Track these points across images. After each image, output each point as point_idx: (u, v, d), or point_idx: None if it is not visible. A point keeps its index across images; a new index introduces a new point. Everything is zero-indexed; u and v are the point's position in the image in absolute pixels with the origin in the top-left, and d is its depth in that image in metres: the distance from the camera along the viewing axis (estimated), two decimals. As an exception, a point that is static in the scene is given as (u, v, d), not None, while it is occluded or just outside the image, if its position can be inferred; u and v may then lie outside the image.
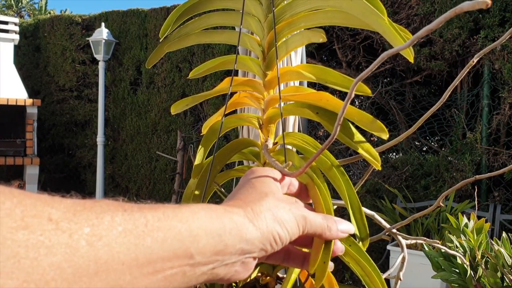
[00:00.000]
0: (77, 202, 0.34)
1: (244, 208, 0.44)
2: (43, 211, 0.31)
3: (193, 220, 0.39)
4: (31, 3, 11.19)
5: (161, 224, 0.36)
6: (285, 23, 0.63)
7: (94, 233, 0.32)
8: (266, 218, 0.44)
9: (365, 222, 0.63)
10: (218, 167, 0.70)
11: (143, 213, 0.36)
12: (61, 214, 0.32)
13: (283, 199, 0.48)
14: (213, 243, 0.39)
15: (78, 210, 0.33)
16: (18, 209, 0.30)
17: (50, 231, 0.31)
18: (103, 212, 0.34)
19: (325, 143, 0.47)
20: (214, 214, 0.41)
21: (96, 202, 0.35)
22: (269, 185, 0.49)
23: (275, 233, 0.44)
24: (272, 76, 0.66)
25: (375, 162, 0.60)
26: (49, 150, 6.42)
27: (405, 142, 4.15)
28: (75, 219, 0.32)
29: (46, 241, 0.30)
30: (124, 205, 0.36)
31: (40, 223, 0.31)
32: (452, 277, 1.59)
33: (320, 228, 0.49)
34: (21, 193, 0.32)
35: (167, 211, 0.38)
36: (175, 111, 0.72)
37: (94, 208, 0.34)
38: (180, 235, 0.37)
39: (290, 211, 0.47)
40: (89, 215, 0.33)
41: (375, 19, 0.51)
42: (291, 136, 0.67)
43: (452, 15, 0.34)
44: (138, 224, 0.35)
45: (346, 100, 0.45)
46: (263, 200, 0.46)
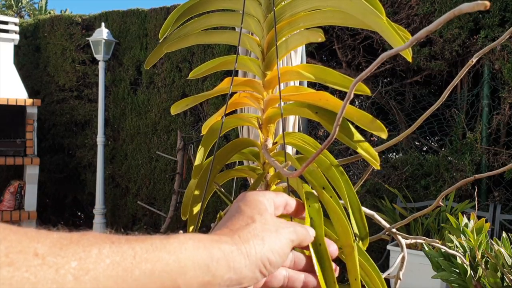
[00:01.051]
0: (63, 235, 0.34)
1: (232, 236, 0.43)
2: (29, 246, 0.31)
3: (180, 251, 0.38)
4: (31, 3, 11.19)
5: (149, 256, 0.36)
6: (284, 22, 0.63)
7: (82, 267, 0.32)
8: (255, 244, 0.43)
9: (364, 222, 0.63)
10: (218, 167, 0.70)
11: (131, 245, 0.36)
12: (47, 249, 0.31)
13: (270, 220, 0.48)
14: (201, 274, 0.39)
15: (65, 244, 0.33)
16: (3, 245, 0.30)
17: (36, 267, 0.30)
18: (90, 245, 0.34)
19: (324, 143, 0.48)
20: (201, 244, 0.40)
21: (83, 235, 0.35)
22: (256, 207, 0.48)
23: (265, 259, 0.43)
24: (272, 76, 0.66)
25: (374, 162, 0.60)
26: (49, 150, 6.42)
27: (405, 142, 4.16)
28: (62, 253, 0.32)
29: (31, 277, 0.30)
30: (112, 237, 0.36)
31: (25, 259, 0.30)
32: (452, 277, 1.59)
33: (303, 236, 0.49)
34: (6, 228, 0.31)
35: (155, 242, 0.38)
36: (176, 111, 0.72)
37: (81, 242, 0.34)
38: (168, 266, 0.37)
39: (277, 232, 0.46)
40: (76, 249, 0.33)
41: (373, 19, 0.51)
42: (290, 136, 0.67)
43: (451, 16, 0.35)
44: (126, 256, 0.35)
45: (345, 100, 0.45)
46: (250, 226, 0.45)
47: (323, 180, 0.62)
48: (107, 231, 0.39)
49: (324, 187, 0.61)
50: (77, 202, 6.55)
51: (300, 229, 0.49)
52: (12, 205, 5.39)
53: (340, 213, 0.59)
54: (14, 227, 0.32)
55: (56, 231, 0.35)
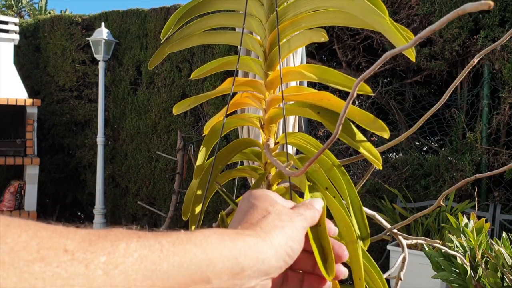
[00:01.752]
0: (91, 232, 0.34)
1: (254, 229, 0.44)
2: (59, 242, 0.32)
3: (207, 244, 0.39)
4: (31, 3, 11.18)
5: (176, 249, 0.36)
6: (287, 23, 0.63)
7: (110, 261, 0.33)
8: (277, 235, 0.45)
9: (366, 222, 0.64)
10: (219, 167, 0.70)
11: (157, 239, 0.36)
12: (77, 245, 0.32)
13: (283, 211, 0.49)
14: (230, 266, 0.39)
15: (93, 240, 0.33)
16: (34, 242, 0.30)
17: (66, 262, 0.31)
18: (117, 240, 0.34)
19: (327, 143, 0.48)
20: (227, 237, 0.41)
21: (110, 231, 0.35)
22: (266, 200, 0.50)
23: (288, 248, 0.45)
24: (274, 77, 0.66)
25: (376, 161, 0.60)
26: (49, 150, 6.41)
27: (405, 142, 4.16)
28: (91, 249, 0.32)
29: (62, 272, 0.30)
30: (138, 233, 0.37)
31: (56, 254, 0.31)
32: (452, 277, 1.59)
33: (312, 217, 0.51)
34: (36, 225, 0.32)
35: (180, 236, 0.38)
36: (178, 111, 0.72)
37: (108, 237, 0.34)
38: (196, 258, 0.37)
39: (292, 221, 0.48)
40: (104, 244, 0.33)
41: (376, 19, 0.51)
42: (292, 136, 0.68)
43: (455, 16, 0.35)
44: (154, 249, 0.35)
45: (348, 99, 0.45)
46: (268, 218, 0.47)
47: (325, 180, 0.62)
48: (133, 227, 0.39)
49: (327, 187, 0.62)
50: (77, 202, 6.55)
51: (309, 212, 0.51)
52: (12, 205, 5.38)
53: (343, 212, 0.60)
54: (44, 224, 0.33)
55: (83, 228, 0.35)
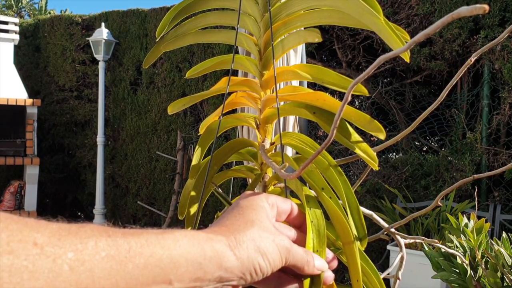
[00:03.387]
0: (62, 226, 0.35)
1: (227, 236, 0.44)
2: (29, 236, 0.32)
3: (174, 248, 0.39)
4: (31, 3, 11.18)
5: (143, 250, 0.37)
6: (281, 22, 0.63)
7: (78, 258, 0.33)
8: (248, 248, 0.44)
9: (363, 222, 0.63)
10: (215, 167, 0.69)
11: (126, 239, 0.37)
12: (46, 239, 0.33)
13: (269, 228, 0.48)
14: (192, 270, 0.40)
15: (63, 235, 0.34)
16: (4, 234, 0.31)
17: (34, 256, 0.31)
18: (87, 237, 0.35)
19: (322, 146, 0.47)
20: (196, 242, 0.41)
21: (81, 227, 0.36)
22: (257, 213, 0.49)
23: (256, 264, 0.44)
24: (269, 76, 0.65)
25: (372, 162, 0.60)
26: (49, 150, 6.42)
27: (405, 142, 4.15)
28: (60, 244, 0.33)
29: (30, 266, 0.31)
30: (109, 231, 0.37)
31: (25, 248, 0.31)
32: (452, 277, 1.59)
33: (300, 262, 0.49)
34: (7, 217, 0.32)
35: (150, 237, 0.39)
36: (173, 110, 0.72)
37: (79, 233, 0.35)
38: (161, 262, 0.38)
39: (273, 242, 0.47)
40: (73, 240, 0.34)
41: (371, 19, 0.51)
42: (288, 136, 0.67)
43: (449, 20, 0.34)
44: (121, 250, 0.36)
45: (343, 102, 0.44)
46: (248, 230, 0.46)
47: (321, 181, 0.62)
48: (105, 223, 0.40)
49: (323, 188, 0.61)
50: (77, 202, 6.55)
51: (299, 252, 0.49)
52: (12, 205, 5.39)
53: (340, 213, 0.59)
54: (16, 217, 0.33)
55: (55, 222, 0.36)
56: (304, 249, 0.51)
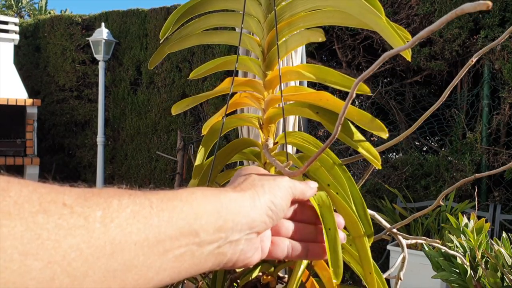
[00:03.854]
0: (86, 190, 0.36)
1: (234, 187, 0.48)
2: (57, 197, 0.33)
3: (192, 200, 0.41)
4: (31, 3, 11.18)
5: (164, 205, 0.39)
6: (284, 23, 0.63)
7: (106, 216, 0.34)
8: (257, 191, 0.47)
9: (369, 219, 0.63)
10: (219, 167, 0.70)
11: (146, 196, 0.39)
12: (74, 200, 0.34)
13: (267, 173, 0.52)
14: (213, 220, 0.42)
15: (88, 196, 0.35)
16: (35, 196, 0.32)
17: (66, 215, 0.32)
18: (110, 197, 0.36)
19: (326, 143, 0.48)
20: (209, 193, 0.43)
21: (102, 190, 0.37)
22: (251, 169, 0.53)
23: (269, 202, 0.47)
24: (272, 76, 0.66)
25: (375, 161, 0.60)
26: (49, 150, 6.42)
27: (405, 142, 4.16)
28: (87, 204, 0.34)
29: (64, 224, 0.32)
30: (128, 191, 0.39)
31: (56, 207, 0.32)
32: (452, 277, 1.59)
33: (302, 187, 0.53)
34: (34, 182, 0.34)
35: (168, 193, 0.41)
36: (176, 111, 0.72)
37: (101, 194, 0.36)
38: (183, 213, 0.40)
39: (275, 180, 0.50)
40: (98, 200, 0.35)
41: (373, 19, 0.51)
42: (291, 136, 0.68)
43: (453, 16, 0.35)
44: (144, 205, 0.37)
45: (347, 100, 0.45)
46: (249, 179, 0.49)
47: (327, 178, 0.62)
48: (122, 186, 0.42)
49: (329, 184, 0.61)
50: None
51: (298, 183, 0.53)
52: (12, 205, 5.38)
53: (348, 208, 0.59)
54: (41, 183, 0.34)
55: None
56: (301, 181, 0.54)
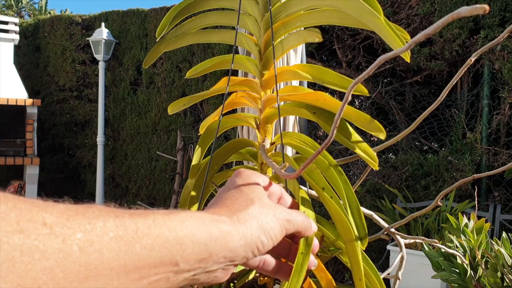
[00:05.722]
0: (70, 207, 0.35)
1: (231, 217, 0.45)
2: (38, 215, 0.32)
3: (181, 229, 0.40)
4: (31, 3, 11.18)
5: (150, 231, 0.37)
6: (281, 22, 0.63)
7: (87, 239, 0.33)
8: (251, 226, 0.45)
9: (363, 222, 0.63)
10: (215, 167, 0.69)
11: (134, 220, 0.37)
12: (55, 219, 0.32)
13: (268, 204, 0.49)
14: (198, 251, 0.40)
15: (71, 215, 0.34)
16: (13, 213, 0.31)
17: (44, 236, 0.31)
18: (95, 217, 0.35)
19: (322, 146, 0.47)
20: (201, 223, 0.42)
21: (88, 208, 0.36)
22: (255, 190, 0.50)
23: (259, 242, 0.45)
24: (269, 76, 0.65)
25: (372, 162, 0.60)
26: (49, 150, 6.42)
27: (405, 142, 4.15)
28: (69, 224, 0.33)
29: (40, 245, 0.31)
30: (116, 211, 0.37)
31: (34, 227, 0.31)
32: (452, 277, 1.59)
33: (302, 225, 0.51)
34: (15, 197, 0.32)
35: (157, 218, 0.39)
36: (173, 111, 0.72)
37: (87, 214, 0.35)
38: (167, 243, 0.38)
39: (274, 216, 0.48)
40: (81, 220, 0.34)
41: (371, 19, 0.51)
42: (288, 136, 0.67)
43: (449, 20, 0.34)
44: (129, 230, 0.36)
45: (343, 102, 0.44)
46: (249, 208, 0.47)
47: (322, 181, 0.62)
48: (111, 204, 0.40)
49: (324, 188, 0.61)
50: (77, 202, 6.53)
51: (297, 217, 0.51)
52: (12, 205, 5.38)
53: (341, 213, 0.59)
54: (23, 198, 0.33)
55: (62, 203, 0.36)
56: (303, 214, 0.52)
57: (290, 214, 0.50)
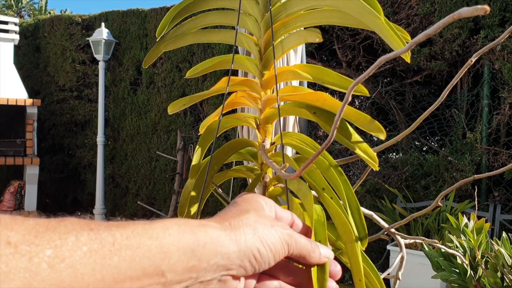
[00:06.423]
0: (40, 222, 0.33)
1: (221, 223, 0.42)
2: (1, 234, 0.30)
3: (164, 237, 0.37)
4: (31, 3, 11.18)
5: (129, 242, 0.35)
6: (281, 22, 0.63)
7: (57, 255, 0.31)
8: (245, 233, 0.42)
9: (363, 222, 0.63)
10: (215, 167, 0.69)
11: (110, 232, 0.35)
12: (21, 237, 0.31)
13: (267, 217, 0.45)
14: (185, 259, 0.38)
15: (41, 231, 0.32)
16: None
17: (7, 256, 0.29)
18: (67, 232, 0.33)
19: (322, 146, 0.47)
20: (187, 229, 0.39)
21: (61, 222, 0.34)
22: (253, 204, 0.46)
23: (255, 249, 0.41)
24: (269, 76, 0.65)
25: (372, 163, 0.60)
26: (49, 150, 6.41)
27: (405, 142, 4.15)
28: (36, 241, 0.31)
29: (2, 266, 0.29)
30: (91, 224, 0.35)
31: None
32: (452, 277, 1.59)
33: (305, 249, 0.46)
34: None
35: (137, 228, 0.37)
36: (172, 110, 0.72)
37: (58, 229, 0.33)
38: (149, 252, 0.36)
39: (273, 227, 0.44)
40: (52, 236, 0.32)
41: (371, 19, 0.51)
42: (288, 136, 0.67)
43: (450, 20, 0.34)
44: (105, 243, 0.34)
45: (343, 102, 0.44)
46: (243, 215, 0.43)
47: (322, 181, 0.62)
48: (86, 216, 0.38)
49: (324, 188, 0.61)
50: (77, 202, 6.55)
51: (302, 239, 0.46)
52: (12, 205, 5.38)
53: (341, 213, 0.59)
54: None
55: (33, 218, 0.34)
56: (306, 237, 0.47)
57: (293, 231, 0.45)
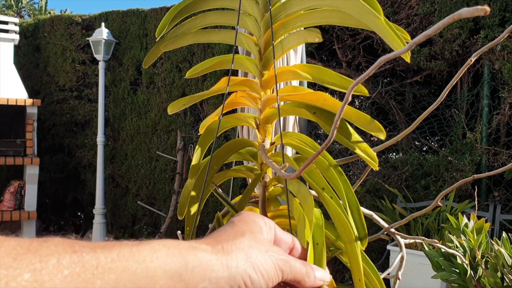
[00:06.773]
0: (22, 243, 0.32)
1: (214, 246, 0.41)
2: None
3: (151, 260, 0.36)
4: (31, 3, 11.18)
5: (114, 266, 0.34)
6: (281, 22, 0.63)
7: (36, 279, 0.30)
8: (238, 258, 0.40)
9: (363, 222, 0.63)
10: (215, 167, 0.69)
11: (95, 254, 0.34)
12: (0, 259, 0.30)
13: (262, 240, 0.44)
14: (172, 283, 0.36)
15: (21, 253, 0.31)
16: None
17: None
18: (49, 254, 0.32)
19: (322, 146, 0.47)
20: (176, 251, 0.38)
21: (43, 243, 0.33)
22: (249, 225, 0.45)
23: (246, 275, 0.40)
24: (269, 76, 0.65)
25: (372, 162, 0.60)
26: (49, 150, 6.41)
27: (405, 142, 4.15)
28: (15, 264, 0.30)
29: None
30: (75, 245, 0.34)
31: None
32: (452, 277, 1.59)
33: (300, 273, 0.45)
34: None
35: (123, 250, 0.35)
36: (172, 110, 0.72)
37: (39, 250, 0.32)
38: (134, 276, 0.35)
39: (267, 253, 0.43)
40: (32, 259, 0.31)
41: (371, 19, 0.51)
42: (288, 136, 0.67)
43: (450, 21, 0.34)
44: (88, 266, 0.33)
45: (343, 102, 0.44)
46: (238, 239, 0.42)
47: (322, 181, 0.62)
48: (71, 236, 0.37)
49: (324, 188, 0.61)
50: (77, 202, 6.55)
51: (297, 264, 0.45)
52: (12, 205, 5.38)
53: (341, 213, 0.59)
54: None
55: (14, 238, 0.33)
56: (301, 261, 0.46)
57: (288, 256, 0.45)
